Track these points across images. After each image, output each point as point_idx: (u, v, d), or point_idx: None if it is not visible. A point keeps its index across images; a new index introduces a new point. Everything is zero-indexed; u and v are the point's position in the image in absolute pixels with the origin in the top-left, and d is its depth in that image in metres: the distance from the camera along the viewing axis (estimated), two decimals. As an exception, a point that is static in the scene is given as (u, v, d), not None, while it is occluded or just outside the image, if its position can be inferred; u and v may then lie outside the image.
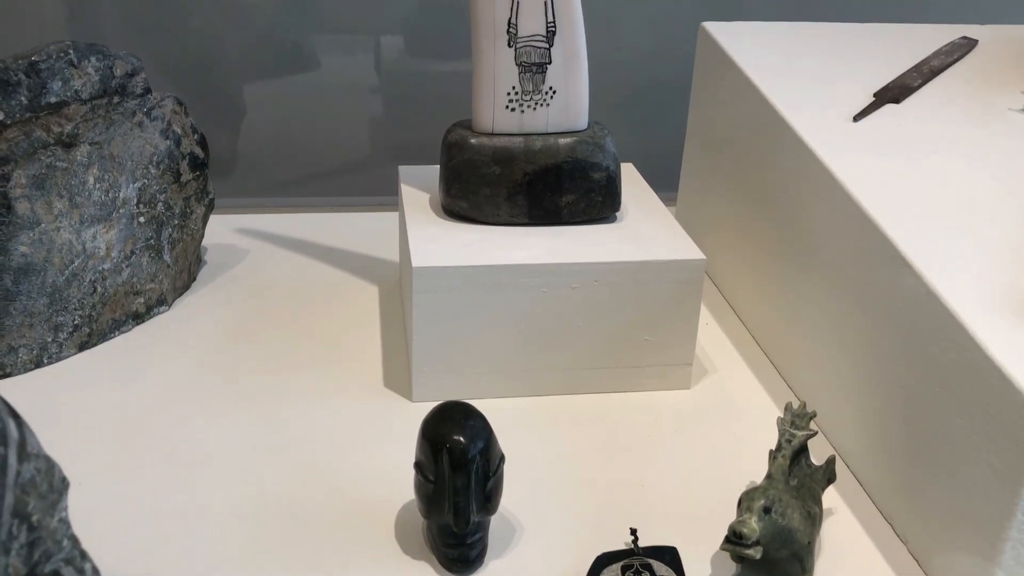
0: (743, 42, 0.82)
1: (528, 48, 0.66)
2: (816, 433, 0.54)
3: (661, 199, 0.76)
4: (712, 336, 0.76)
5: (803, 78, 0.76)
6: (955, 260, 0.55)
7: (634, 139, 1.09)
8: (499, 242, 0.66)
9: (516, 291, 0.64)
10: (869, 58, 0.81)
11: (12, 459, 0.35)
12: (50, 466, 0.38)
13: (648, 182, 0.79)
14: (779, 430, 0.54)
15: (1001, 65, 0.80)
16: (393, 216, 0.89)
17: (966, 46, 0.83)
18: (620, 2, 1.04)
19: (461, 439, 0.49)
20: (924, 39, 0.85)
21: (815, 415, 0.55)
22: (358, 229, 0.92)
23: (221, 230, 0.88)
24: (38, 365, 0.68)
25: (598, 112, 0.71)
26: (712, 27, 0.85)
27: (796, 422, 0.54)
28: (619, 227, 0.69)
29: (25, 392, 0.65)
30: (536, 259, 0.64)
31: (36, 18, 1.00)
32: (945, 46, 0.83)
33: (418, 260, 0.63)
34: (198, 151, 0.78)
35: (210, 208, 0.81)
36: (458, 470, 0.49)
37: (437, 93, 1.07)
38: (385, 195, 1.00)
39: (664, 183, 0.96)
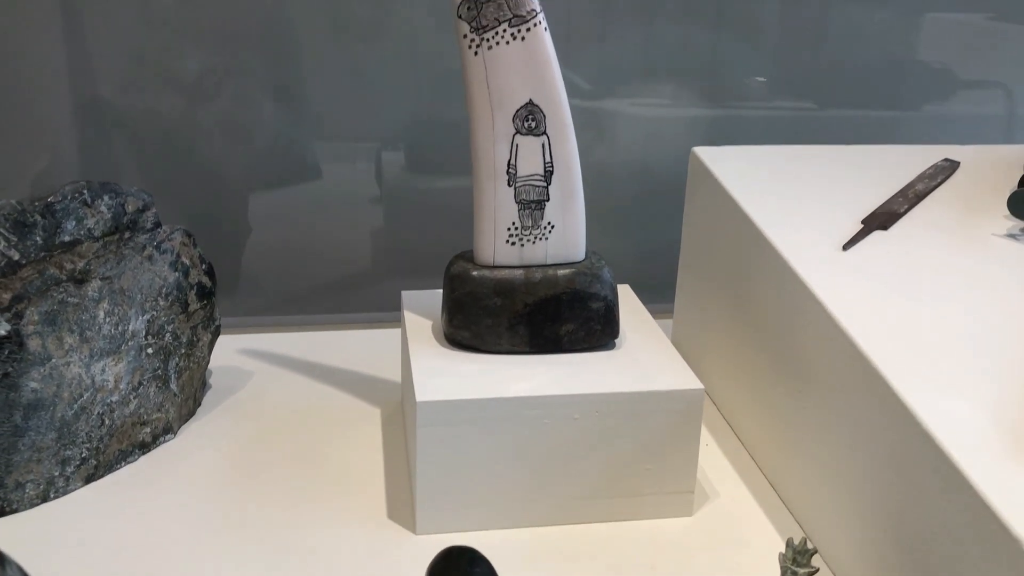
0: (732, 167, 0.85)
1: (527, 187, 0.68)
2: (818, 570, 0.54)
3: (658, 313, 0.78)
4: (712, 458, 0.77)
5: (792, 203, 0.79)
6: (947, 395, 0.56)
7: (630, 248, 1.12)
8: (501, 373, 0.67)
9: (518, 423, 0.65)
10: (855, 181, 0.84)
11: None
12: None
13: (645, 295, 0.81)
14: (781, 567, 0.54)
15: (983, 188, 0.83)
16: (395, 333, 0.90)
17: (949, 168, 0.86)
18: (618, 125, 1.08)
19: (467, 587, 0.49)
20: (907, 161, 0.88)
21: (816, 551, 0.56)
22: (360, 348, 0.93)
23: (225, 352, 0.89)
24: (44, 500, 0.69)
25: (594, 223, 0.72)
26: (702, 152, 0.88)
27: (798, 559, 0.54)
28: (618, 355, 0.71)
29: (31, 528, 0.65)
30: (538, 391, 0.65)
31: (48, 139, 1.03)
32: (928, 169, 0.86)
33: (422, 395, 0.64)
34: (206, 280, 0.80)
35: (216, 335, 0.82)
36: (465, 618, 0.49)
37: (437, 205, 1.10)
38: (387, 311, 1.02)
39: (660, 295, 0.98)
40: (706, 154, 0.88)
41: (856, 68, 1.11)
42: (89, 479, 0.71)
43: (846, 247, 0.72)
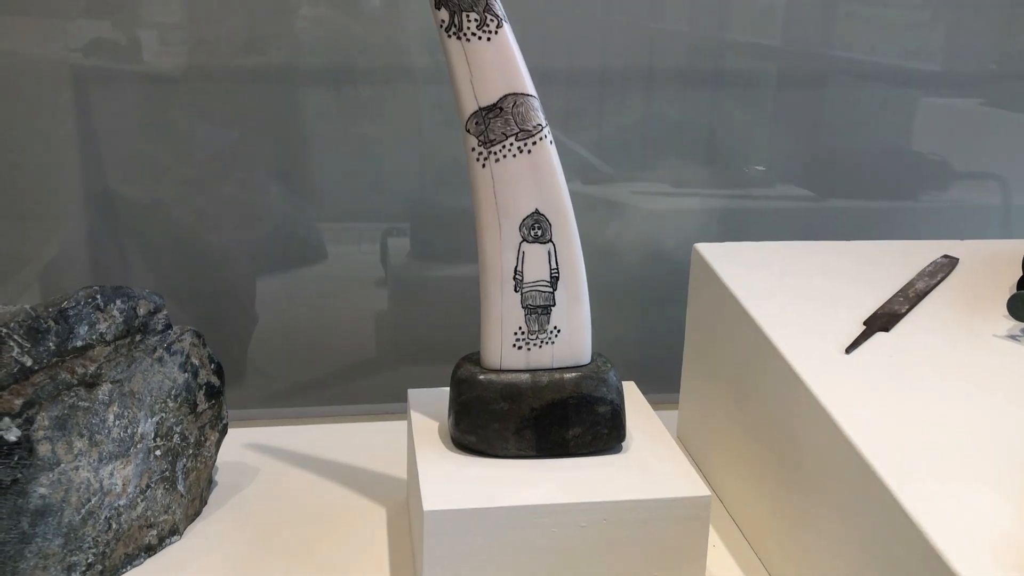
0: (734, 264, 0.86)
1: (533, 292, 0.69)
2: None
3: (663, 403, 0.78)
4: (720, 560, 0.77)
5: (794, 303, 0.80)
6: (951, 506, 0.56)
7: (632, 335, 1.13)
8: (509, 479, 0.68)
9: (526, 531, 0.65)
10: (856, 279, 0.85)
11: None
12: None
13: (650, 383, 0.82)
14: None
15: (982, 285, 0.84)
16: (400, 426, 0.91)
17: (948, 265, 0.87)
18: (619, 212, 1.10)
19: None
20: (906, 257, 0.90)
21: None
22: (365, 442, 0.93)
23: (232, 447, 0.90)
24: (49, 607, 0.68)
25: (595, 309, 0.73)
26: (704, 248, 0.89)
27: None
28: (625, 459, 0.71)
29: (35, 638, 0.65)
30: (546, 499, 0.65)
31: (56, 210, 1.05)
32: (928, 267, 0.87)
33: (429, 504, 0.64)
34: (214, 380, 0.81)
35: (223, 433, 0.83)
36: None
37: (442, 292, 1.11)
38: (392, 401, 1.02)
39: (665, 383, 0.99)
40: (708, 250, 0.89)
41: (853, 157, 1.13)
42: (94, 585, 0.71)
43: (849, 350, 0.72)
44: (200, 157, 1.06)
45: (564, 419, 0.70)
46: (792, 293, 0.82)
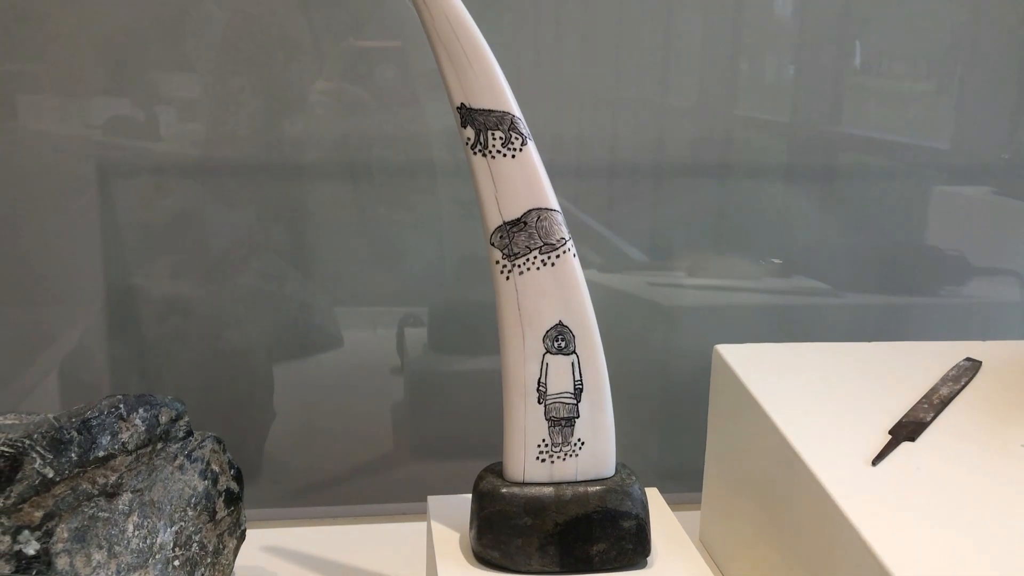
0: (756, 367, 0.86)
1: (557, 404, 0.69)
2: None
3: (685, 503, 0.77)
4: (747, 677, 0.75)
5: (818, 410, 0.79)
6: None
7: (654, 436, 1.12)
8: (532, 597, 0.67)
9: (550, 652, 0.64)
10: (879, 383, 0.84)
11: None
12: None
13: (671, 482, 0.80)
14: None
15: (1006, 390, 0.84)
16: (418, 528, 0.90)
17: (971, 369, 0.87)
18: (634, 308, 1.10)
19: None
20: (928, 359, 0.89)
21: None
22: (383, 544, 0.93)
23: (250, 550, 0.88)
24: None
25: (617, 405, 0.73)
26: (725, 350, 0.89)
27: None
28: (651, 575, 0.70)
29: None
30: (570, 620, 0.64)
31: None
32: (951, 370, 0.86)
33: (453, 625, 0.63)
34: (233, 486, 0.80)
35: (242, 539, 0.82)
36: None
37: (459, 385, 1.11)
38: (409, 500, 1.01)
39: (687, 482, 0.98)
40: (729, 352, 0.89)
41: (868, 250, 1.13)
42: None
43: (875, 462, 0.72)
44: (219, 246, 1.07)
45: (588, 534, 0.69)
46: (815, 398, 0.82)
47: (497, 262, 0.68)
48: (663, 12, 1.07)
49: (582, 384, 0.69)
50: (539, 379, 0.69)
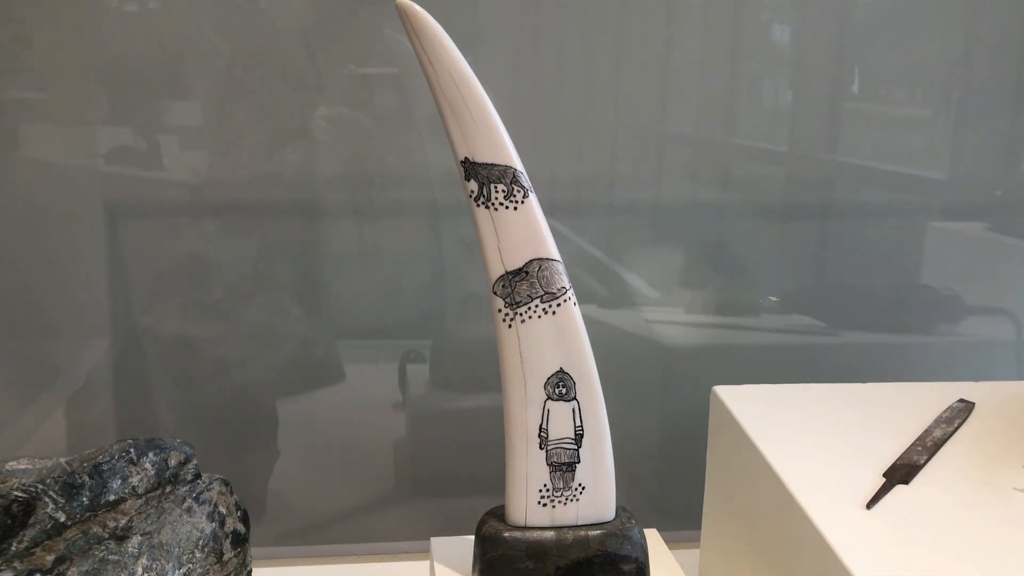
0: (752, 408, 0.87)
1: (558, 450, 0.71)
2: None
3: (684, 541, 0.78)
4: None
5: (814, 453, 0.81)
6: None
7: (652, 474, 1.13)
8: (534, 639, 0.68)
9: None
10: (874, 425, 0.86)
11: None
12: None
13: (670, 520, 0.82)
14: None
15: (1000, 432, 0.85)
16: (421, 567, 0.91)
17: (965, 410, 0.88)
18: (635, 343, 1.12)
19: None
20: (922, 400, 0.91)
21: None
22: (386, 584, 0.94)
23: (253, 590, 0.90)
24: None
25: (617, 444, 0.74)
26: (723, 391, 0.91)
27: None
28: (650, 618, 0.71)
29: None
30: (572, 663, 0.65)
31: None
32: (944, 412, 0.88)
33: (456, 669, 0.65)
34: (240, 527, 0.81)
35: (247, 580, 0.83)
36: None
37: (460, 422, 1.13)
38: (411, 539, 1.02)
39: (686, 520, 0.99)
40: (727, 393, 0.90)
41: (863, 289, 1.15)
42: None
43: (870, 505, 0.73)
44: (221, 284, 1.09)
45: (589, 577, 0.70)
46: (810, 439, 0.83)
47: (499, 311, 0.69)
48: (661, 49, 1.09)
49: (583, 430, 0.71)
50: (540, 425, 0.70)
